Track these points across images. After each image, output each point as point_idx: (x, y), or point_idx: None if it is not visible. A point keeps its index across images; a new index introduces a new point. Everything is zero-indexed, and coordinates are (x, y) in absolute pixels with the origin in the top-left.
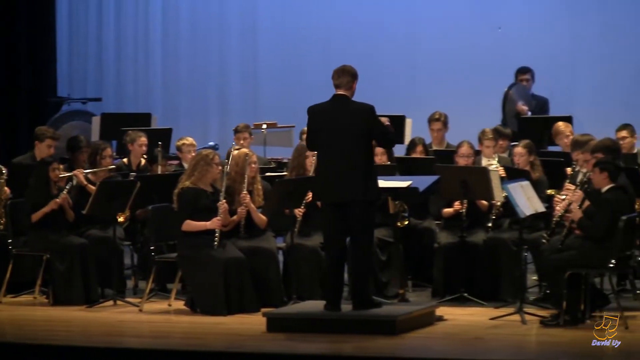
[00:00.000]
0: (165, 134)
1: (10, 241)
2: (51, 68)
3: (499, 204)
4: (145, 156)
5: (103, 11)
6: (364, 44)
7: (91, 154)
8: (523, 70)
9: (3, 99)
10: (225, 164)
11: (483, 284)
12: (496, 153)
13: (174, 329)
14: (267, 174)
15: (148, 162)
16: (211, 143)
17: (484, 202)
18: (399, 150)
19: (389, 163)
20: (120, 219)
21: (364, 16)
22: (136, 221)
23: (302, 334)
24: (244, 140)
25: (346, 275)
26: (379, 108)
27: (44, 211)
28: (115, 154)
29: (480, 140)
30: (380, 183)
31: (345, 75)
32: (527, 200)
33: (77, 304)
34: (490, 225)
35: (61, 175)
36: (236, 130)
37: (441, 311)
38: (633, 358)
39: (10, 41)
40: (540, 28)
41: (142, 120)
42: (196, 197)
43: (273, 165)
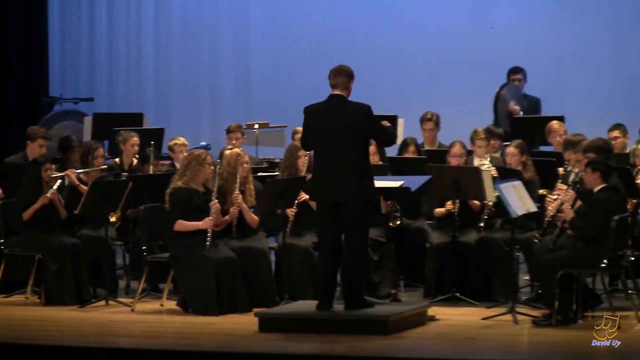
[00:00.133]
0: (158, 134)
1: (2, 241)
2: (43, 68)
3: (491, 203)
4: (137, 156)
5: (95, 11)
6: (357, 43)
7: (83, 154)
8: (515, 70)
9: None
10: (217, 163)
11: (475, 283)
12: (488, 153)
13: (166, 329)
14: (259, 174)
15: (140, 162)
16: (203, 143)
17: (476, 202)
18: (391, 150)
19: (381, 163)
20: (112, 219)
21: (356, 16)
22: (127, 221)
23: (294, 334)
24: (236, 140)
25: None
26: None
27: (35, 208)
28: (107, 154)
29: (473, 140)
30: None
31: (341, 75)
32: (519, 200)
33: (69, 304)
34: (482, 225)
35: (53, 175)
36: (228, 130)
37: (433, 311)
38: (625, 358)
39: (2, 41)
40: (532, 28)
41: (134, 120)
42: (188, 197)
43: (265, 165)
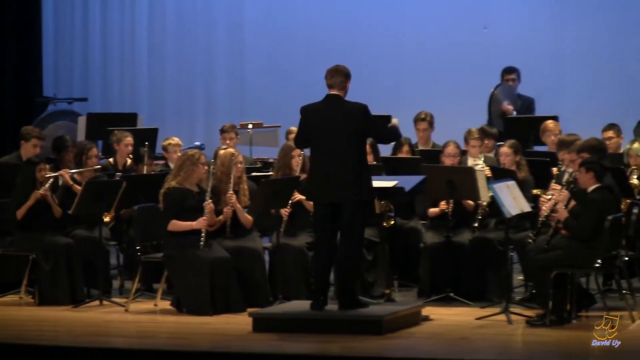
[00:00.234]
0: (152, 134)
1: None
2: (37, 68)
3: (485, 203)
4: (131, 156)
5: (89, 11)
6: (351, 43)
7: (77, 154)
8: (509, 70)
9: None
10: (211, 163)
11: (469, 283)
12: (482, 153)
13: (160, 329)
14: (253, 173)
15: (134, 162)
16: (197, 143)
17: (470, 202)
18: (385, 150)
19: (375, 163)
20: (106, 219)
21: (350, 16)
22: (121, 221)
23: (288, 333)
24: (230, 140)
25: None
26: None
27: (28, 205)
28: (101, 153)
29: (466, 140)
30: None
31: (338, 75)
32: (513, 200)
33: (63, 304)
34: (476, 225)
35: (47, 175)
36: (222, 130)
37: (427, 311)
38: (619, 357)
39: None
40: (526, 28)
41: (128, 120)
42: (182, 197)
43: (259, 165)
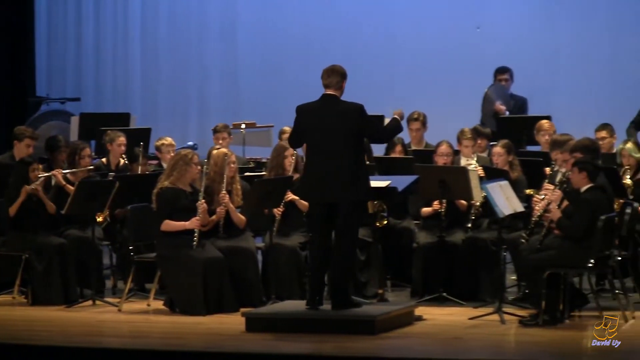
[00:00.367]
0: (144, 134)
1: None
2: (30, 68)
3: (478, 203)
4: (124, 156)
5: (82, 11)
6: (344, 43)
7: (70, 154)
8: (502, 70)
9: None
10: (204, 163)
11: (462, 283)
12: (475, 153)
13: (153, 329)
14: (246, 173)
15: (128, 162)
16: (190, 143)
17: (463, 201)
18: (377, 150)
19: (368, 163)
20: (99, 219)
21: (343, 16)
22: (115, 221)
23: (281, 333)
24: (222, 140)
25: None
26: None
27: (19, 201)
28: (94, 153)
29: (459, 140)
30: None
31: (335, 75)
32: (506, 200)
33: (56, 304)
34: (469, 225)
35: (40, 175)
36: (215, 130)
37: (420, 311)
38: (613, 357)
39: None
40: (519, 28)
41: (121, 120)
42: (175, 197)
43: (252, 165)
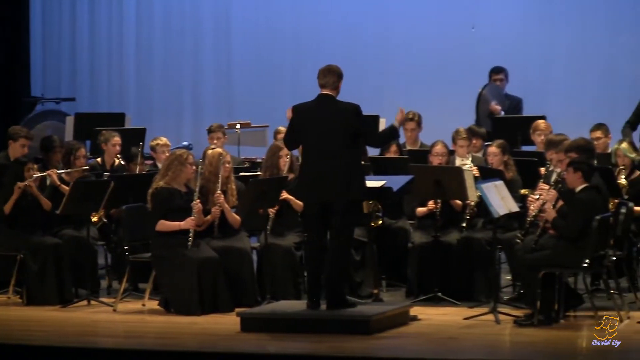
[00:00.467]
0: (139, 134)
1: None
2: (25, 68)
3: (472, 203)
4: (119, 156)
5: (77, 11)
6: (338, 43)
7: (65, 154)
8: (497, 70)
9: None
10: (199, 163)
11: (457, 283)
12: (470, 153)
13: (148, 329)
14: (241, 173)
15: (126, 161)
16: (185, 143)
17: (458, 201)
18: (372, 150)
19: (363, 163)
20: (94, 219)
21: (338, 16)
22: (111, 220)
23: (276, 333)
24: (217, 140)
25: None
26: None
27: (14, 198)
28: (89, 153)
29: (454, 140)
30: None
31: (331, 75)
32: (501, 200)
33: (51, 304)
34: (464, 225)
35: (35, 175)
36: (210, 130)
37: (415, 311)
38: (607, 357)
39: None
40: (515, 28)
41: (116, 120)
42: (170, 197)
43: (247, 165)
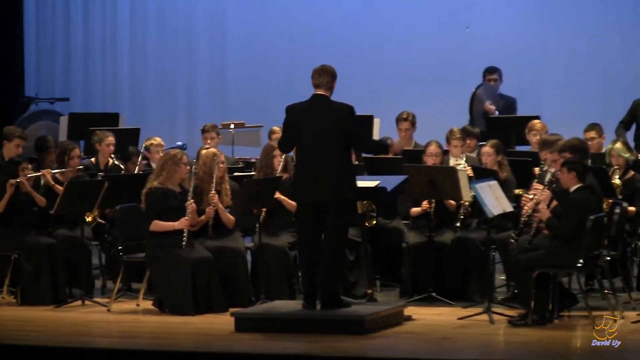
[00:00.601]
0: (133, 134)
1: None
2: (19, 68)
3: (467, 203)
4: (113, 156)
5: (71, 11)
6: (332, 43)
7: (59, 154)
8: (491, 70)
9: None
10: (193, 163)
11: (451, 283)
12: (464, 153)
13: (142, 329)
14: (235, 173)
15: (123, 160)
16: (179, 143)
17: (452, 201)
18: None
19: (356, 163)
20: (88, 219)
21: (332, 16)
22: (107, 220)
23: (270, 333)
24: (211, 140)
25: None
26: None
27: (7, 196)
28: (83, 153)
29: (448, 140)
30: None
31: (325, 75)
32: (495, 200)
33: (45, 304)
34: (458, 225)
35: (29, 175)
36: (203, 130)
37: (409, 311)
38: (602, 357)
39: None
40: (508, 28)
41: (110, 120)
42: (164, 197)
43: (241, 165)
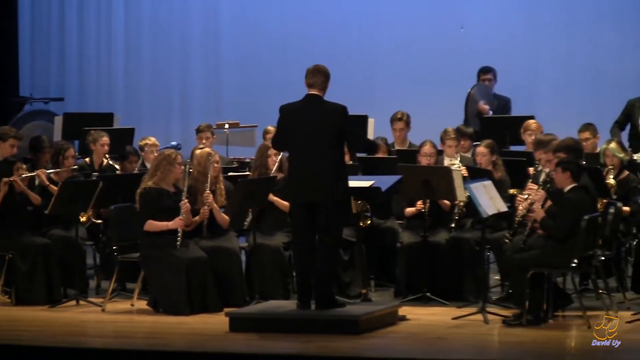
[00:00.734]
0: (128, 134)
1: None
2: (13, 68)
3: (461, 203)
4: (107, 156)
5: (65, 10)
6: (326, 43)
7: (54, 154)
8: (485, 70)
9: None
10: (187, 163)
11: (446, 283)
12: (459, 153)
13: (137, 329)
14: (230, 173)
15: (121, 160)
16: (173, 143)
17: (447, 201)
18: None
19: (351, 162)
20: (83, 219)
21: (326, 16)
22: (103, 220)
23: (265, 333)
24: (206, 139)
25: None
26: None
27: (1, 195)
28: (77, 153)
29: (443, 140)
30: None
31: (319, 75)
32: (489, 199)
33: (40, 304)
34: (453, 225)
35: (24, 175)
36: (198, 130)
37: (404, 311)
38: (597, 357)
39: None
40: (503, 28)
41: (104, 120)
42: (158, 197)
43: (235, 165)
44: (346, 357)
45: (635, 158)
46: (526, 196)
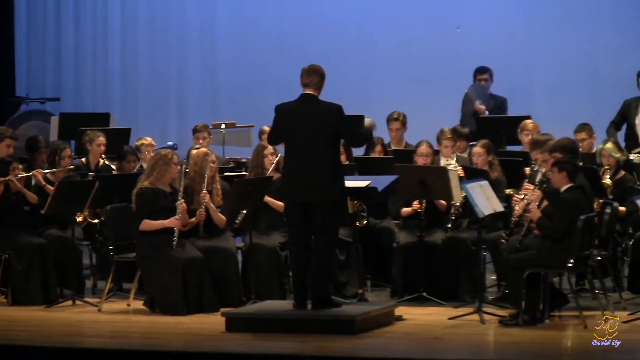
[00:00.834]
0: (124, 134)
1: None
2: (9, 68)
3: (457, 203)
4: (103, 156)
5: (62, 11)
6: (322, 43)
7: (50, 154)
8: (481, 70)
9: None
10: (184, 163)
11: (442, 283)
12: (455, 153)
13: (133, 329)
14: (226, 173)
15: (119, 160)
16: (170, 143)
17: (443, 201)
18: (357, 150)
19: (347, 162)
20: (79, 219)
21: (322, 16)
22: (100, 220)
23: (261, 333)
24: (202, 139)
25: None
26: None
27: None
28: (73, 153)
29: (439, 140)
30: None
31: (315, 75)
32: (485, 200)
33: (36, 304)
34: (449, 225)
35: (20, 175)
36: (194, 130)
37: (400, 311)
38: (593, 357)
39: None
40: (499, 28)
41: (100, 120)
42: (155, 197)
43: (232, 165)
44: (342, 357)
45: (631, 158)
46: (522, 196)
